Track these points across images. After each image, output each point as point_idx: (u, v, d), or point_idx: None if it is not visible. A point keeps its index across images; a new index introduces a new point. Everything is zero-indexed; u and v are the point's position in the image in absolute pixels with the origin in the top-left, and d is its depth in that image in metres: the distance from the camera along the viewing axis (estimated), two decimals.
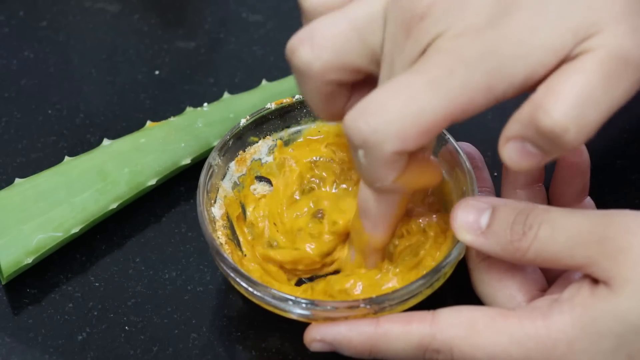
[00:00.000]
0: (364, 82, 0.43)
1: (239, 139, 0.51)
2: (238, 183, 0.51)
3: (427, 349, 0.42)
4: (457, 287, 0.48)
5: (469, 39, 0.38)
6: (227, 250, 0.48)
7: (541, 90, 0.38)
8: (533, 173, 0.49)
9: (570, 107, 0.37)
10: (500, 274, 0.45)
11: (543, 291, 0.45)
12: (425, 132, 0.38)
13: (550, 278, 0.46)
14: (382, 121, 0.38)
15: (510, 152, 0.39)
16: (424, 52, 0.39)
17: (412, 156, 0.40)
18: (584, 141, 0.38)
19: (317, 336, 0.44)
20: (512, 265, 0.45)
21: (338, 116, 0.45)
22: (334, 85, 0.43)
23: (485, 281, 0.45)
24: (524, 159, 0.39)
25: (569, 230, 0.41)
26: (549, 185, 0.50)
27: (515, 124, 0.39)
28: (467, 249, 0.46)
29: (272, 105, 0.52)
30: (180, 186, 0.56)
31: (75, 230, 0.52)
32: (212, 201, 0.50)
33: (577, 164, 0.48)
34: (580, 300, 0.40)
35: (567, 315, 0.40)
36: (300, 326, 0.45)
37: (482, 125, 0.60)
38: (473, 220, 0.43)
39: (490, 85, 0.38)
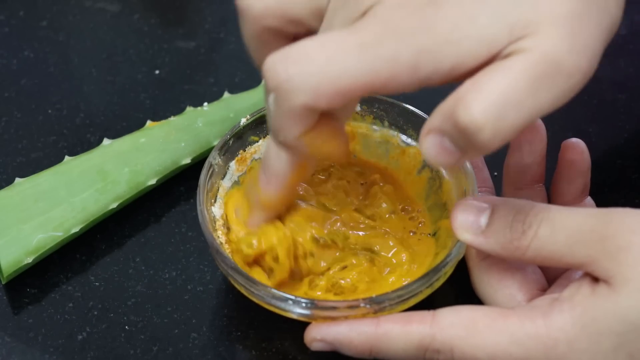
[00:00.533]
0: (304, 37, 0.41)
1: (240, 139, 0.51)
2: (238, 182, 0.51)
3: (427, 349, 0.42)
4: (457, 287, 0.48)
5: (408, 12, 0.37)
6: (227, 250, 0.48)
7: (466, 84, 0.37)
8: (533, 173, 0.49)
9: (490, 105, 0.36)
10: (501, 273, 0.45)
11: (543, 291, 0.45)
12: (340, 93, 0.37)
13: (550, 277, 0.46)
14: (300, 71, 0.37)
15: (429, 145, 0.38)
16: (364, 14, 0.38)
17: (322, 120, 0.40)
18: (499, 144, 0.37)
19: (318, 336, 0.44)
20: (512, 265, 0.45)
21: None
22: (272, 34, 0.42)
23: (485, 281, 0.45)
24: (441, 154, 0.38)
25: (569, 228, 0.40)
26: (549, 185, 0.50)
27: (436, 116, 0.38)
28: (467, 248, 0.46)
29: None
30: (181, 186, 0.56)
31: (75, 230, 0.52)
32: (212, 200, 0.50)
33: (578, 163, 0.48)
34: (581, 299, 0.40)
35: (567, 314, 0.40)
36: (300, 326, 0.45)
37: None
38: (472, 220, 0.43)
39: (417, 65, 0.37)
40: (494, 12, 0.37)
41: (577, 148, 0.48)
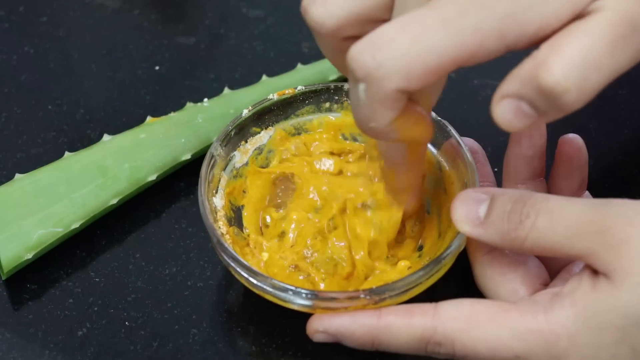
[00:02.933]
0: None
1: (241, 130, 0.51)
2: (240, 174, 0.51)
3: (429, 341, 0.42)
4: (458, 278, 0.48)
5: None
6: (228, 241, 0.48)
7: (545, 47, 0.37)
8: (534, 167, 0.49)
9: (575, 67, 0.37)
10: (503, 267, 0.45)
11: (545, 285, 0.45)
12: (431, 71, 0.37)
13: (552, 271, 0.46)
14: (389, 56, 0.37)
15: (504, 110, 0.38)
16: None
17: (409, 103, 0.40)
18: (582, 104, 0.38)
19: (320, 327, 0.44)
20: (514, 259, 0.45)
21: None
22: (351, 40, 0.41)
23: (488, 275, 0.45)
24: (518, 118, 0.38)
25: (568, 219, 0.40)
26: (549, 181, 0.50)
27: (513, 81, 0.38)
28: (469, 243, 0.46)
29: (274, 97, 0.52)
30: (181, 182, 0.56)
31: (76, 225, 0.52)
32: (214, 191, 0.50)
33: (575, 158, 0.48)
34: (582, 294, 0.40)
35: (569, 309, 0.40)
36: (301, 321, 0.45)
37: (484, 120, 0.60)
38: (472, 211, 0.43)
39: (503, 31, 0.37)
40: None
41: (574, 143, 0.48)
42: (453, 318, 0.42)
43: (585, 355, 0.40)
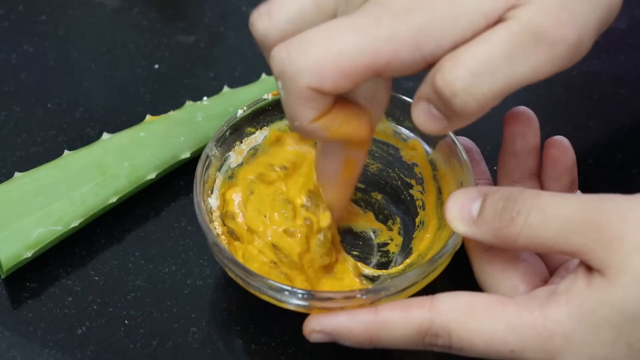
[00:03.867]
0: None
1: (236, 130, 0.51)
2: (235, 175, 0.51)
3: (426, 333, 0.42)
4: (454, 277, 0.48)
5: None
6: (224, 241, 0.48)
7: (448, 54, 0.39)
8: (528, 165, 0.49)
9: (465, 72, 0.38)
10: (503, 265, 0.45)
11: (545, 282, 0.45)
12: (343, 73, 0.39)
13: (551, 268, 0.47)
14: (302, 54, 0.39)
15: (418, 112, 0.41)
16: (365, 2, 0.40)
17: (338, 103, 0.41)
18: (477, 110, 0.39)
19: (317, 327, 0.44)
20: (514, 256, 0.45)
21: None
22: None
23: (488, 272, 0.45)
24: (429, 121, 0.41)
25: (560, 216, 0.40)
26: None
27: (423, 85, 0.40)
28: (468, 240, 0.46)
29: (269, 97, 0.52)
30: (180, 180, 0.56)
31: (75, 224, 0.52)
32: (209, 192, 0.50)
33: (562, 160, 0.48)
34: (577, 291, 0.40)
35: (564, 307, 0.40)
36: (300, 320, 0.45)
37: (482, 119, 0.60)
38: (465, 210, 0.43)
39: (418, 42, 0.39)
40: None
41: (560, 145, 0.48)
42: (450, 309, 0.42)
43: (581, 353, 0.40)
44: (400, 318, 0.43)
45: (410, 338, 0.43)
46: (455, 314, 0.42)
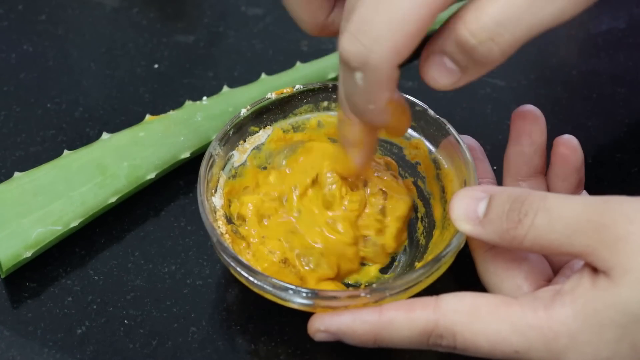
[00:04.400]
0: None
1: (240, 129, 0.51)
2: (238, 174, 0.51)
3: (430, 334, 0.42)
4: (458, 276, 0.48)
5: None
6: (227, 240, 0.48)
7: (468, 4, 0.39)
8: (534, 165, 0.49)
9: (489, 21, 0.38)
10: (507, 264, 0.45)
11: (549, 281, 0.45)
12: (413, 36, 0.39)
13: (555, 267, 0.46)
14: (375, 38, 0.39)
15: (430, 67, 0.41)
16: None
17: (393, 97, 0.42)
18: (499, 59, 0.39)
19: (321, 327, 0.44)
20: (518, 255, 0.45)
21: (321, 28, 0.46)
22: None
23: (491, 271, 0.45)
24: (442, 74, 0.40)
25: (566, 218, 0.41)
26: None
27: (437, 38, 0.40)
28: (472, 239, 0.46)
29: (272, 95, 0.52)
30: (180, 180, 0.56)
31: (75, 224, 0.52)
32: (213, 191, 0.50)
33: (571, 159, 0.48)
34: (582, 292, 0.40)
35: (569, 307, 0.40)
36: (299, 319, 0.45)
37: (482, 119, 0.60)
38: (470, 210, 0.43)
39: None
40: None
41: (569, 144, 0.48)
42: (454, 311, 0.42)
43: (586, 353, 0.40)
44: (405, 319, 0.43)
45: (414, 338, 0.43)
46: (459, 315, 0.42)
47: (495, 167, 0.54)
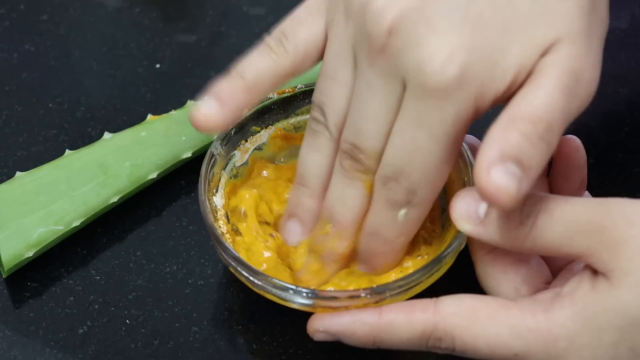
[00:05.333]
0: None
1: (241, 129, 0.51)
2: (240, 173, 0.51)
3: (429, 337, 0.42)
4: (458, 277, 0.48)
5: None
6: (228, 240, 0.48)
7: (516, 100, 0.40)
8: None
9: (544, 111, 0.40)
10: (505, 266, 0.45)
11: (548, 284, 0.45)
12: (448, 171, 0.44)
13: (554, 270, 0.46)
14: (417, 183, 0.43)
15: (498, 177, 0.39)
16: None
17: None
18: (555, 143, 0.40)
19: (321, 327, 0.44)
20: (516, 258, 0.45)
21: None
22: None
23: (490, 274, 0.45)
24: (511, 181, 0.39)
25: (567, 219, 0.41)
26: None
27: (491, 148, 0.39)
28: (471, 241, 0.46)
29: (274, 95, 0.52)
30: (181, 180, 0.56)
31: (76, 223, 0.52)
32: (214, 190, 0.50)
33: (574, 159, 0.48)
34: (581, 294, 0.40)
35: (568, 310, 0.40)
36: (301, 319, 0.45)
37: (482, 119, 0.60)
38: (472, 210, 0.43)
39: (478, 101, 0.41)
40: (519, 41, 0.40)
41: (572, 144, 0.48)
42: (453, 314, 0.42)
43: (584, 356, 0.40)
44: (404, 321, 0.43)
45: (413, 341, 0.43)
46: (458, 318, 0.42)
47: None
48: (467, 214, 0.43)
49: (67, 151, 0.55)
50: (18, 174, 0.54)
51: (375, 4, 0.41)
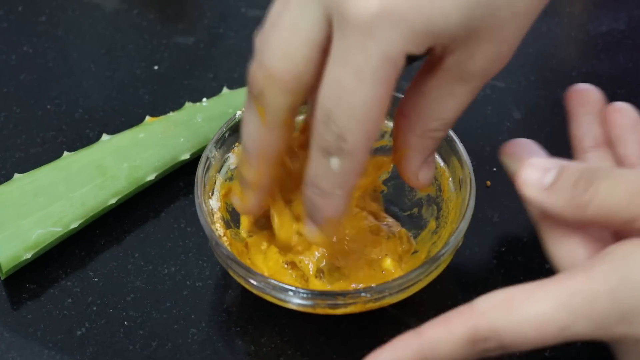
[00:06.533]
0: None
1: (236, 131, 0.51)
2: (235, 176, 0.51)
3: (474, 340, 0.40)
4: (457, 275, 0.48)
5: None
6: (225, 242, 0.48)
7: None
8: (596, 135, 0.49)
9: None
10: (567, 230, 0.44)
11: None
12: (379, 121, 0.41)
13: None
14: (347, 127, 0.40)
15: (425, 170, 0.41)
16: None
17: None
18: None
19: None
20: (578, 225, 0.44)
21: None
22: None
23: (552, 238, 0.44)
24: (429, 172, 0.41)
25: (626, 183, 0.41)
26: None
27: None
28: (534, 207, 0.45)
29: None
30: (179, 181, 0.56)
31: (75, 225, 0.52)
32: (210, 193, 0.50)
33: (621, 122, 0.49)
34: (621, 250, 0.40)
35: (608, 264, 0.39)
36: (299, 320, 0.45)
37: (482, 120, 0.60)
38: (537, 178, 0.42)
39: None
40: None
41: (617, 108, 0.49)
42: (490, 309, 0.40)
43: (624, 310, 0.39)
44: (444, 332, 0.41)
45: (462, 351, 0.41)
46: (496, 311, 0.40)
47: (495, 169, 0.54)
48: (533, 181, 0.42)
49: (66, 153, 0.55)
50: (16, 175, 0.54)
51: None
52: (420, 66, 0.43)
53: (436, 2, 0.38)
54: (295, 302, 0.45)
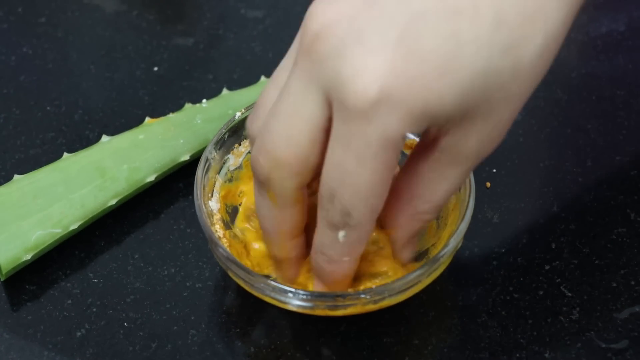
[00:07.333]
0: None
1: (235, 133, 0.51)
2: (234, 177, 0.51)
3: None
4: (456, 275, 0.48)
5: None
6: (225, 244, 0.48)
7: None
8: None
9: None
10: None
11: None
12: (383, 195, 0.42)
13: None
14: (351, 205, 0.41)
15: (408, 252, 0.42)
16: None
17: None
18: None
19: None
20: None
21: None
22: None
23: None
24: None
25: None
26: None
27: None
28: None
29: None
30: (179, 182, 0.56)
31: (74, 226, 0.52)
32: (210, 195, 0.50)
33: None
34: None
35: None
36: (299, 321, 0.45)
37: None
38: None
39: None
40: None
41: None
42: None
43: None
44: None
45: None
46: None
47: (494, 170, 0.54)
48: None
49: (65, 154, 0.55)
50: (16, 177, 0.54)
51: (315, 6, 0.40)
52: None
53: (432, 86, 0.38)
54: (295, 303, 0.45)
